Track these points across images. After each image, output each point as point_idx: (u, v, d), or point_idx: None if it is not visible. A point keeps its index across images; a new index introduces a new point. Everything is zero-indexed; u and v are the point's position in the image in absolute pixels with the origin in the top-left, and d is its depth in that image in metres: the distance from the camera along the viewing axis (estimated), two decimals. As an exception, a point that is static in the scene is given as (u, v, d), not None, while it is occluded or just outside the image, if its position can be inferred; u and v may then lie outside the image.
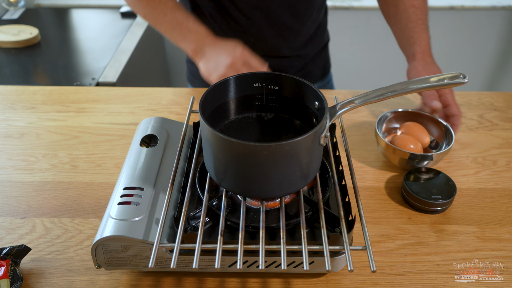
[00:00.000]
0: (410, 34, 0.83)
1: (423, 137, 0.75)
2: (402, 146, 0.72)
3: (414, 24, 0.82)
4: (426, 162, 0.72)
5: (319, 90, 0.56)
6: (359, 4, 1.91)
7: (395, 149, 0.72)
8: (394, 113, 0.80)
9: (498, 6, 1.94)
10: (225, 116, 0.62)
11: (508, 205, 0.69)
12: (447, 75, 0.56)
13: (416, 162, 0.72)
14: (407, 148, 0.72)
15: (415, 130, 0.76)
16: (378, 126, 0.76)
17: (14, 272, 0.55)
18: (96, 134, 0.84)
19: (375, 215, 0.67)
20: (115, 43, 1.50)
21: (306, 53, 1.03)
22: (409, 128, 0.77)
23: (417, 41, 0.82)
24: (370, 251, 0.48)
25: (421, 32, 0.82)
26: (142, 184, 0.57)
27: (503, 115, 0.91)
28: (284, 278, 0.57)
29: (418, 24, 0.82)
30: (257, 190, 0.53)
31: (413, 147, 0.73)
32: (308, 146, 0.50)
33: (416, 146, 0.73)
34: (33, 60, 1.39)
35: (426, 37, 0.82)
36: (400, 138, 0.75)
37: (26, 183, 0.72)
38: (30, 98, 0.95)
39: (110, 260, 0.53)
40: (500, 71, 2.18)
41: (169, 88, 0.99)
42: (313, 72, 1.08)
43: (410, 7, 0.83)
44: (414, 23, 0.82)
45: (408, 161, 0.72)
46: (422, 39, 0.82)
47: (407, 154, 0.71)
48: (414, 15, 0.82)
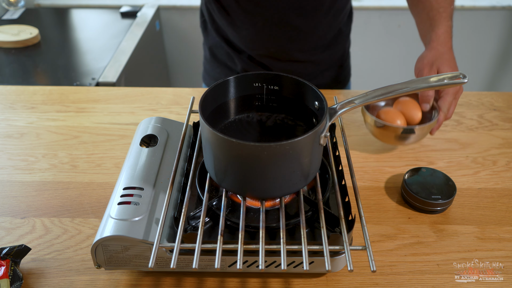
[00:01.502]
0: (430, 22, 0.78)
1: (415, 113, 0.73)
2: (387, 120, 0.72)
3: (435, 12, 0.78)
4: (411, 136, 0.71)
5: (319, 90, 0.56)
6: (359, 4, 1.91)
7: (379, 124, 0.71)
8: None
9: (498, 6, 1.94)
10: (225, 116, 0.62)
11: (508, 205, 0.69)
12: (447, 75, 0.56)
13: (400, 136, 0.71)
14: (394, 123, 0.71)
15: (408, 105, 0.75)
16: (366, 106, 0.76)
17: (14, 272, 0.55)
18: (96, 134, 0.84)
19: (375, 215, 0.67)
20: (115, 43, 1.50)
21: (322, 59, 1.00)
22: (402, 104, 0.75)
23: (435, 28, 0.77)
24: (370, 251, 0.48)
25: (441, 19, 0.77)
26: (142, 184, 0.57)
27: (503, 115, 0.91)
28: (284, 278, 0.57)
29: (439, 12, 0.77)
30: (257, 190, 0.53)
31: (400, 123, 0.72)
32: (308, 146, 0.50)
33: (403, 122, 0.72)
34: (33, 60, 1.39)
35: (446, 25, 0.77)
36: (386, 112, 0.74)
37: (26, 183, 0.72)
38: (30, 98, 0.95)
39: (110, 260, 0.53)
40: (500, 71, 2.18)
41: (169, 88, 0.99)
42: (327, 81, 1.05)
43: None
44: (435, 11, 0.78)
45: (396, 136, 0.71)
46: (441, 26, 0.76)
47: (390, 128, 0.70)
48: (436, 3, 0.78)
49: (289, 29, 0.93)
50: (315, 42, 0.98)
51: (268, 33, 0.94)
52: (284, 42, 0.96)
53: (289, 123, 0.62)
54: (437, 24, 0.77)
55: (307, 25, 0.93)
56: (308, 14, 0.92)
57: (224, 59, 1.04)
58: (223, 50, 1.03)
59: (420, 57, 0.77)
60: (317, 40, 0.97)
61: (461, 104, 0.94)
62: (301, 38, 0.95)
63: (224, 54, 1.03)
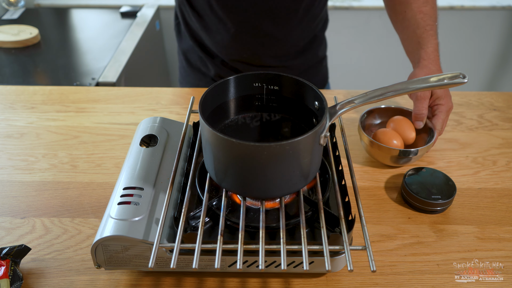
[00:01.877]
0: (418, 40, 0.78)
1: (409, 132, 0.74)
2: (384, 141, 0.72)
3: (422, 30, 0.78)
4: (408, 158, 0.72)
5: (319, 90, 0.56)
6: (359, 4, 1.91)
7: (376, 144, 0.71)
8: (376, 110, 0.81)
9: (498, 6, 1.94)
10: (225, 116, 0.62)
11: (508, 205, 0.69)
12: (446, 75, 0.56)
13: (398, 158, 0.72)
14: (390, 144, 0.72)
15: (402, 125, 0.75)
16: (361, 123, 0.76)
17: (14, 272, 0.55)
18: (96, 134, 0.84)
19: (375, 215, 0.67)
20: (115, 43, 1.50)
21: (296, 65, 0.99)
22: (397, 123, 0.76)
23: (424, 46, 0.77)
24: (370, 251, 0.48)
25: (428, 37, 0.78)
26: (142, 184, 0.57)
27: (503, 115, 0.91)
28: (284, 278, 0.57)
29: (426, 30, 0.78)
30: (257, 190, 0.53)
31: (396, 143, 0.72)
32: (308, 146, 0.50)
33: (400, 143, 0.73)
34: (33, 60, 1.39)
35: (434, 43, 0.78)
36: (382, 133, 0.74)
37: (26, 183, 0.72)
38: (30, 98, 0.95)
39: (110, 260, 0.53)
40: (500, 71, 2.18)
41: (169, 88, 0.99)
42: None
43: (418, 13, 0.79)
44: (422, 29, 0.78)
45: (391, 157, 0.72)
46: (429, 44, 0.77)
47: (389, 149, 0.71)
48: (422, 21, 0.79)
49: (262, 35, 0.93)
50: (288, 49, 0.97)
51: (241, 38, 0.93)
52: (257, 48, 0.95)
53: (289, 123, 0.62)
54: (426, 42, 0.77)
55: (280, 32, 0.92)
56: (281, 21, 0.91)
57: (197, 64, 1.04)
58: (196, 55, 1.02)
59: (412, 74, 0.77)
60: (290, 46, 0.96)
61: (461, 104, 0.94)
62: (274, 45, 0.94)
63: (197, 59, 1.03)
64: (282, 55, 0.97)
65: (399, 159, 0.72)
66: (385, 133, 0.74)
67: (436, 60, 0.77)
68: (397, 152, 0.71)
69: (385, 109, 0.81)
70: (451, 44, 2.03)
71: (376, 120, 0.81)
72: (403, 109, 0.80)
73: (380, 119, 0.81)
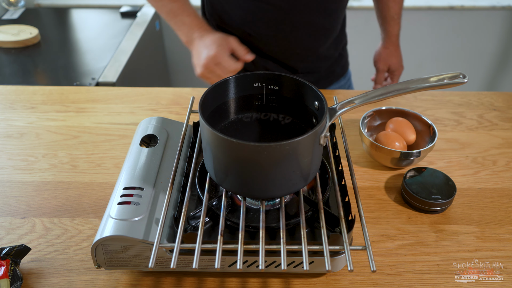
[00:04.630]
0: (388, 23, 1.05)
1: (409, 134, 0.75)
2: (386, 144, 0.72)
3: (390, 19, 1.04)
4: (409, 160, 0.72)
5: (318, 90, 0.56)
6: (359, 4, 1.91)
7: (378, 147, 0.71)
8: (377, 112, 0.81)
9: (498, 6, 1.94)
10: (225, 116, 0.62)
11: (508, 205, 0.69)
12: (446, 75, 0.56)
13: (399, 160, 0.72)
14: (392, 146, 0.72)
15: (402, 126, 0.76)
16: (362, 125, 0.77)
17: (14, 272, 0.55)
18: (96, 134, 0.84)
19: (375, 215, 0.67)
20: (115, 43, 1.50)
21: (331, 54, 1.04)
22: (396, 124, 0.76)
23: (391, 30, 1.05)
24: (370, 251, 0.48)
25: (395, 24, 1.04)
26: (142, 184, 0.57)
27: (503, 115, 0.91)
28: (284, 278, 0.57)
29: (394, 18, 1.03)
30: (257, 190, 0.53)
31: (398, 145, 0.72)
32: (308, 146, 0.50)
33: (402, 145, 0.73)
34: (33, 60, 1.39)
35: (397, 29, 1.05)
36: (384, 136, 0.74)
37: (26, 183, 0.72)
38: (30, 98, 0.95)
39: (110, 260, 0.53)
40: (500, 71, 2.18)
41: (169, 88, 0.99)
42: (336, 71, 1.10)
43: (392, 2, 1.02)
44: (390, 18, 1.04)
45: (392, 159, 0.72)
46: (394, 29, 1.05)
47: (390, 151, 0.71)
48: (393, 10, 1.02)
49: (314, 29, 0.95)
50: (332, 38, 1.00)
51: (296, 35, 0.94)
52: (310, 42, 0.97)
53: (289, 123, 0.62)
54: (392, 27, 1.05)
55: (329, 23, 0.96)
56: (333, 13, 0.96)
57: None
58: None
59: (377, 51, 1.10)
60: (333, 36, 1.00)
61: (461, 104, 0.94)
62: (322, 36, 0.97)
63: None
64: (327, 45, 1.00)
65: (400, 161, 0.72)
66: (387, 135, 0.74)
67: (396, 43, 1.07)
68: (398, 154, 0.71)
69: (386, 111, 0.81)
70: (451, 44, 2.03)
71: (376, 122, 0.81)
72: (404, 110, 0.79)
73: (380, 120, 0.81)
